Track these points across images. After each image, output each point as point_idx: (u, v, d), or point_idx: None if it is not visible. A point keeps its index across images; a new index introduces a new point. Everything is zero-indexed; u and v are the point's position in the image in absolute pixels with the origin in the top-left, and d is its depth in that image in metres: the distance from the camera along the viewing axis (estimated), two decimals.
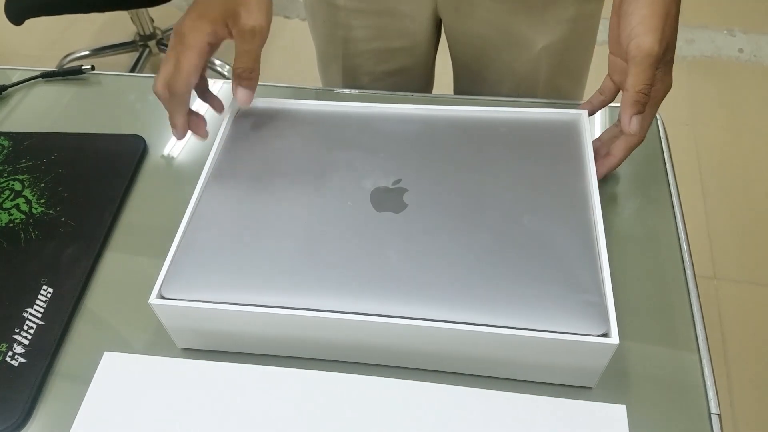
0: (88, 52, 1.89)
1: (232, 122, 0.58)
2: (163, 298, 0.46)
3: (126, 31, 1.94)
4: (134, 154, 0.64)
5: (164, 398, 0.46)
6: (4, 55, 2.07)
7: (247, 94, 0.55)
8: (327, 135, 0.56)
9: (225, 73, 1.82)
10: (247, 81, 0.55)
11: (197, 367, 0.48)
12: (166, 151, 0.66)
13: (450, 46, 0.80)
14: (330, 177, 0.52)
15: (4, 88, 0.73)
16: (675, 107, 1.70)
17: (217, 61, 1.84)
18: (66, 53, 1.89)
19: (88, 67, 0.74)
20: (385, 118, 0.56)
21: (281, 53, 2.01)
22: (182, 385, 0.47)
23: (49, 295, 0.53)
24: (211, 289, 0.46)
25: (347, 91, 0.71)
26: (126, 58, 1.90)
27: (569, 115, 0.55)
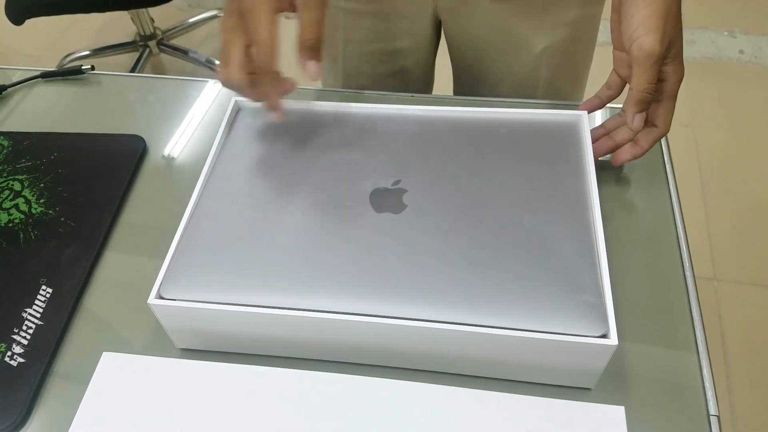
0: (88, 52, 1.90)
1: (232, 123, 0.58)
2: (162, 298, 0.46)
3: (126, 31, 1.94)
4: (134, 154, 0.64)
5: (163, 398, 0.46)
6: (4, 54, 2.07)
7: (318, 67, 0.51)
8: (326, 135, 0.56)
9: None
10: (316, 53, 0.51)
11: (196, 368, 0.48)
12: (165, 152, 0.66)
13: (449, 48, 0.80)
14: (329, 177, 0.52)
15: (4, 88, 0.73)
16: (675, 108, 1.69)
17: (218, 62, 1.84)
18: (66, 53, 1.89)
19: (88, 67, 0.74)
20: (385, 119, 0.56)
21: (281, 54, 2.01)
22: (181, 386, 0.47)
23: (48, 295, 0.53)
24: (209, 290, 0.46)
25: (347, 92, 0.71)
26: (126, 58, 1.91)
27: (569, 116, 0.55)
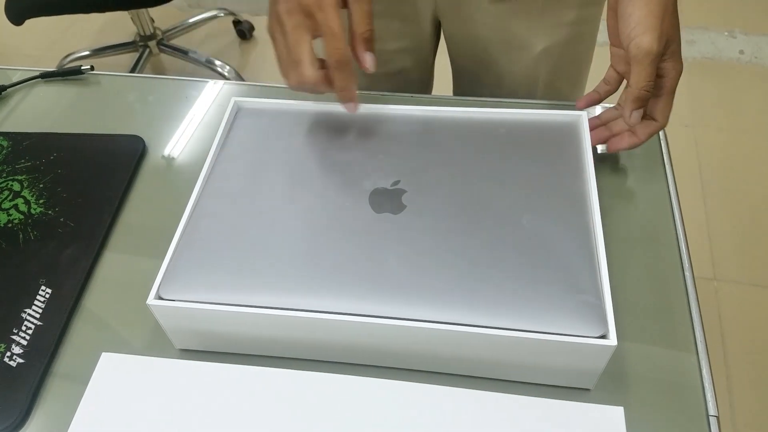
0: (88, 53, 1.89)
1: (231, 123, 0.58)
2: (161, 299, 0.46)
3: (126, 32, 1.94)
4: (133, 154, 0.64)
5: (162, 399, 0.46)
6: (4, 54, 2.07)
7: (374, 58, 0.52)
8: (326, 136, 0.56)
9: (225, 74, 1.82)
10: (371, 44, 0.51)
11: (195, 368, 0.48)
12: (165, 152, 0.66)
13: (449, 49, 0.80)
14: (328, 178, 0.52)
15: (4, 88, 0.73)
16: (675, 108, 1.68)
17: (218, 62, 1.84)
18: (66, 53, 1.89)
19: (88, 67, 0.74)
20: (384, 119, 0.56)
21: None
22: (180, 386, 0.47)
23: (47, 296, 0.53)
24: (208, 290, 0.46)
25: None
26: (126, 59, 1.90)
27: (568, 116, 0.55)
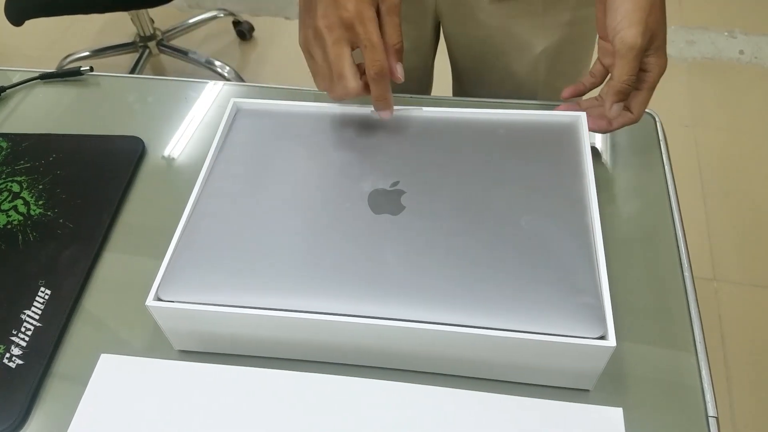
0: (88, 53, 1.89)
1: (231, 124, 0.58)
2: (160, 300, 0.46)
3: (126, 32, 1.94)
4: (132, 155, 0.64)
5: (161, 400, 0.46)
6: (4, 55, 2.07)
7: (402, 69, 0.52)
8: (325, 137, 0.56)
9: (225, 74, 1.82)
10: (402, 55, 0.52)
11: (194, 369, 0.47)
12: (164, 153, 0.66)
13: (449, 50, 0.80)
14: (328, 179, 0.52)
15: (3, 89, 0.73)
16: (675, 108, 1.69)
17: (217, 62, 1.84)
18: (66, 54, 1.89)
19: (87, 68, 0.74)
20: (384, 120, 0.56)
21: (281, 54, 2.01)
22: (179, 387, 0.47)
23: (46, 297, 0.53)
24: (207, 291, 0.46)
25: None
26: (126, 59, 1.91)
27: (567, 117, 0.55)
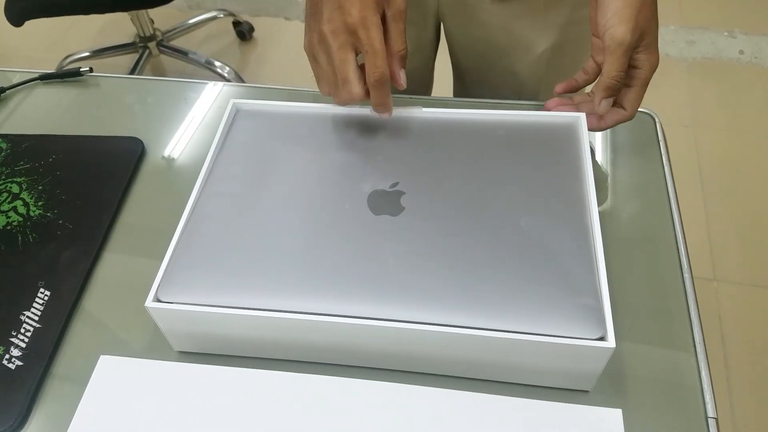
0: (88, 54, 1.89)
1: (230, 125, 0.58)
2: (159, 301, 0.46)
3: (126, 33, 1.94)
4: (132, 156, 0.64)
5: (160, 401, 0.46)
6: (4, 56, 2.07)
7: (405, 76, 0.53)
8: (325, 137, 0.56)
9: (225, 75, 1.82)
10: (405, 61, 0.52)
11: (193, 371, 0.48)
12: (164, 154, 0.66)
13: (451, 50, 0.80)
14: (327, 180, 0.52)
15: (3, 90, 0.73)
16: (675, 108, 1.69)
17: (217, 63, 1.84)
18: (66, 54, 1.89)
19: (87, 69, 0.74)
20: (383, 121, 0.56)
21: (281, 55, 2.01)
22: (178, 389, 0.47)
23: (46, 298, 0.53)
24: (207, 293, 0.46)
25: None
26: (126, 60, 1.90)
27: (567, 118, 0.55)
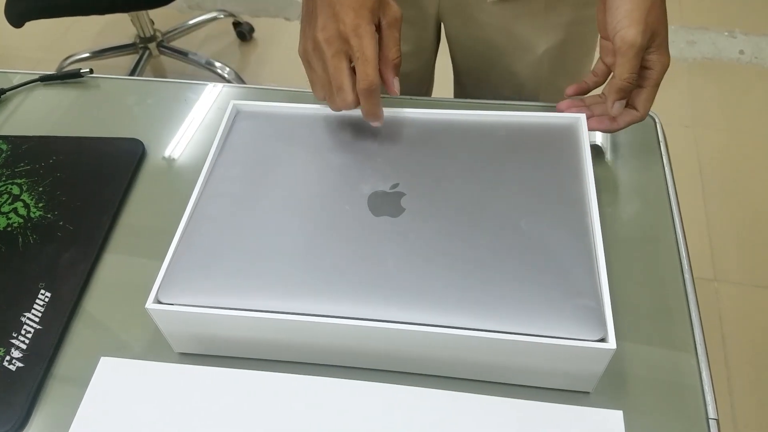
0: (88, 54, 1.89)
1: (231, 126, 0.58)
2: (159, 302, 0.46)
3: (126, 33, 1.94)
4: (132, 157, 0.64)
5: (161, 403, 0.46)
6: (4, 57, 2.07)
7: (399, 83, 0.53)
8: (325, 138, 0.56)
9: (225, 75, 1.82)
10: (399, 69, 0.52)
11: (194, 372, 0.47)
12: (164, 155, 0.66)
13: (451, 51, 0.80)
14: (328, 181, 0.52)
15: (3, 92, 0.73)
16: (675, 109, 1.69)
17: (217, 63, 1.84)
18: (66, 55, 1.89)
19: (87, 70, 0.74)
20: (384, 122, 0.56)
21: (281, 56, 2.01)
22: (179, 390, 0.47)
23: (46, 300, 0.53)
24: (208, 294, 0.46)
25: None
26: (126, 60, 1.90)
27: (567, 119, 0.55)
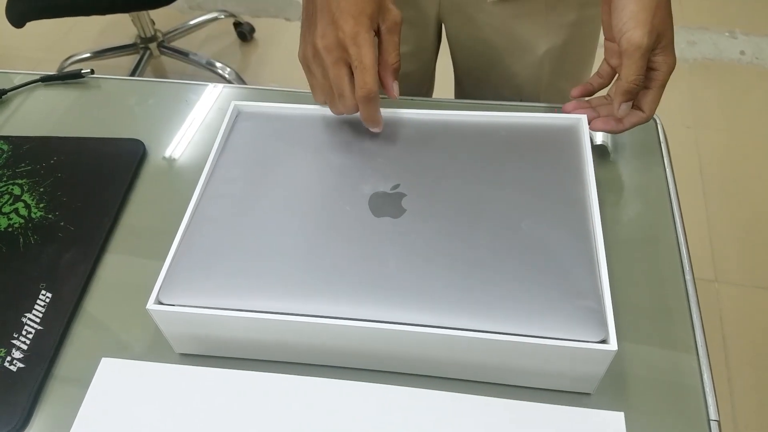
0: (89, 55, 1.90)
1: (231, 127, 0.58)
2: (160, 303, 0.46)
3: (127, 34, 1.94)
4: (133, 158, 0.64)
5: (162, 404, 0.46)
6: (5, 57, 2.07)
7: (398, 87, 0.53)
8: (326, 139, 0.56)
9: (226, 76, 1.82)
10: (398, 73, 0.53)
11: (195, 373, 0.47)
12: (165, 155, 0.66)
13: (452, 52, 0.80)
14: (328, 181, 0.52)
15: (4, 92, 0.73)
16: (676, 109, 1.69)
17: (218, 64, 1.84)
18: (67, 55, 1.89)
19: (88, 70, 0.74)
20: (384, 123, 0.56)
21: (281, 56, 2.01)
22: (180, 391, 0.47)
23: (47, 300, 0.53)
24: (208, 295, 0.46)
25: None
26: (127, 61, 1.91)
27: (568, 119, 0.55)
